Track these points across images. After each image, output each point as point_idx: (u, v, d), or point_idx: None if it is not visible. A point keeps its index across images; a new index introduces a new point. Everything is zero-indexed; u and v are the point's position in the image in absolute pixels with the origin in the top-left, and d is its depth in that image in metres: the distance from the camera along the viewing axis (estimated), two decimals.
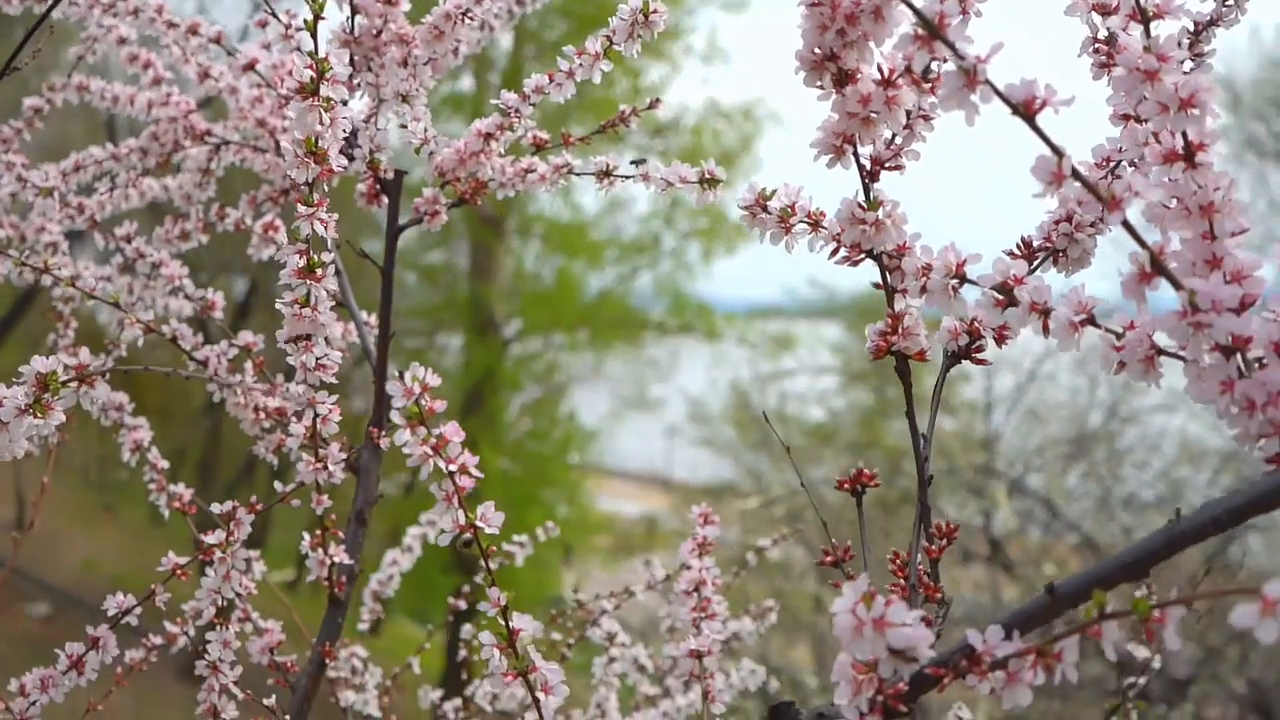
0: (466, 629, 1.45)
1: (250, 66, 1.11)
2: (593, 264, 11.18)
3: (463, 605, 1.59)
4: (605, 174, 1.01)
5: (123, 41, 1.25)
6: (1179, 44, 0.78)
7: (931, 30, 0.54)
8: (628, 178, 0.99)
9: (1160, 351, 0.59)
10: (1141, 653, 1.25)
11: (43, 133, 1.46)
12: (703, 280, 11.06)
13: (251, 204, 1.27)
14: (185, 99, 1.25)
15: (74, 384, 0.72)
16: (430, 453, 0.67)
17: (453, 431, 0.68)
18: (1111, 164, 0.74)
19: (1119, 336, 0.60)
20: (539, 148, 1.06)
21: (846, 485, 0.73)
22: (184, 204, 1.29)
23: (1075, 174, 0.55)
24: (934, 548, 0.68)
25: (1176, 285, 0.55)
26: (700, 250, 11.07)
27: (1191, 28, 0.79)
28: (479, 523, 0.69)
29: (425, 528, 1.59)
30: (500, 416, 10.63)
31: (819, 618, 6.97)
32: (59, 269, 1.02)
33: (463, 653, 1.49)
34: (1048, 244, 0.74)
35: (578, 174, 1.02)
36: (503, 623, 0.70)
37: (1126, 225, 0.55)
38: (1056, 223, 0.74)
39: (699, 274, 11.05)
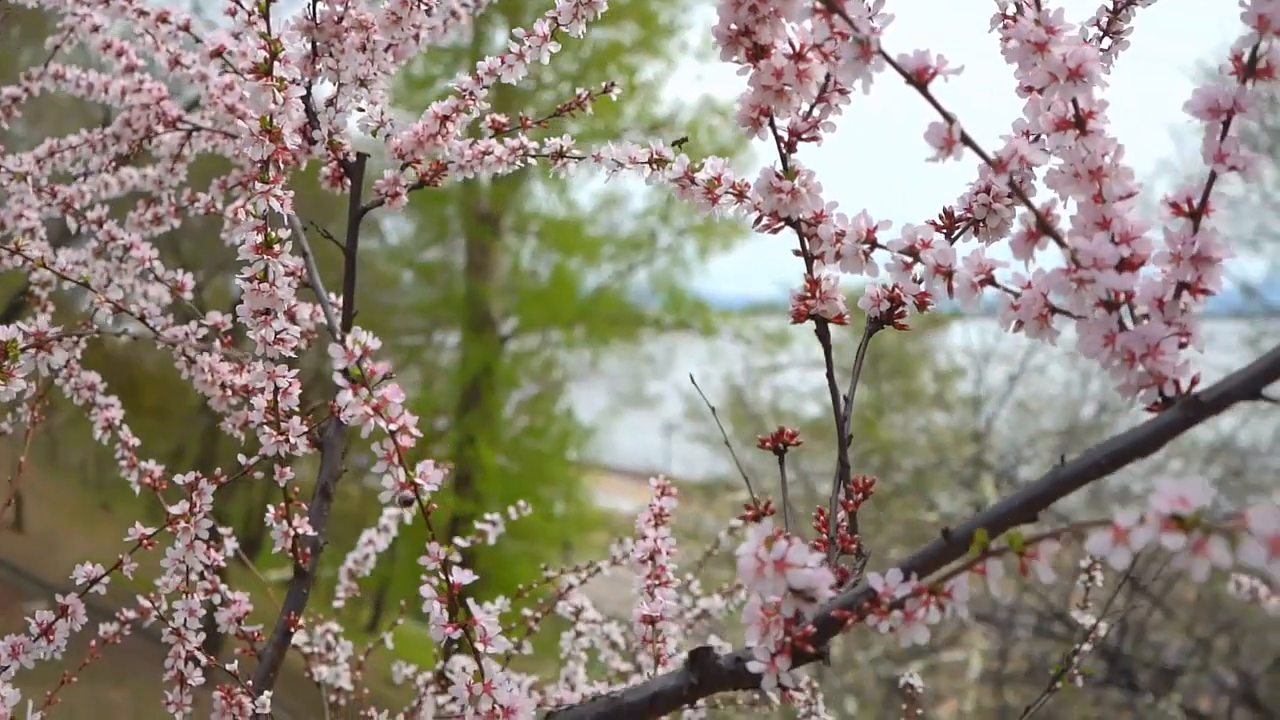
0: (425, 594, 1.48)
1: (218, 53, 1.14)
2: (589, 261, 11.22)
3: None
4: (559, 155, 1.04)
5: (96, 29, 1.28)
6: (1097, 22, 0.81)
7: (828, 3, 0.57)
8: (580, 158, 1.03)
9: (1054, 309, 0.62)
10: (1086, 620, 1.28)
11: (38, 134, 1.48)
12: (699, 277, 11.10)
13: (222, 188, 1.31)
14: (158, 85, 1.29)
15: (32, 350, 0.75)
16: (371, 413, 0.70)
17: (393, 393, 0.71)
18: (1030, 137, 0.77)
19: (1017, 296, 0.63)
20: (497, 131, 1.09)
21: (768, 444, 0.76)
22: (156, 189, 1.32)
23: (965, 139, 0.58)
24: (851, 502, 0.71)
25: (1061, 244, 0.59)
26: (696, 247, 11.11)
27: (1111, 5, 0.82)
28: (419, 480, 0.72)
29: (402, 510, 1.62)
30: (497, 414, 10.66)
31: None
32: (29, 249, 1.05)
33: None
34: (968, 214, 0.77)
35: (533, 156, 1.06)
36: (443, 576, 0.73)
37: (1013, 186, 0.59)
38: (976, 193, 0.77)
39: (695, 270, 11.10)
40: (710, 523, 8.02)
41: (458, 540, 1.40)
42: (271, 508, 1.05)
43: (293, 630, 1.08)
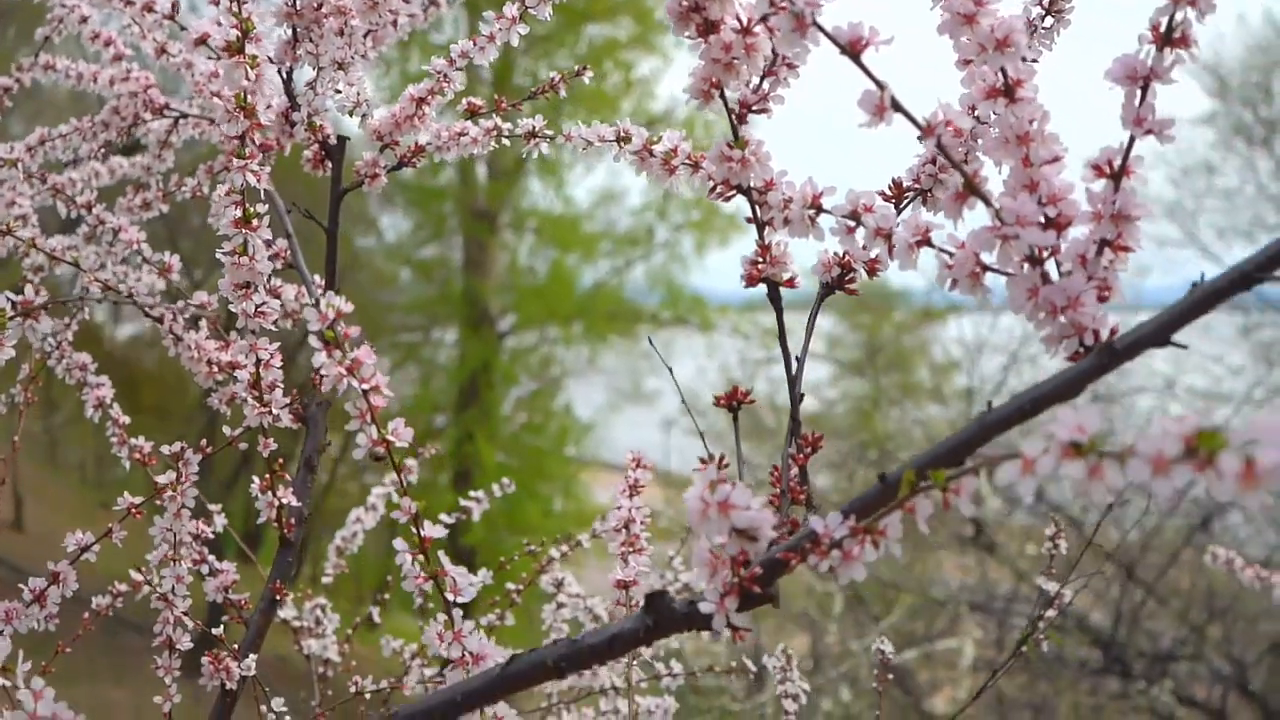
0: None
1: (202, 41, 1.17)
2: (586, 257, 11.26)
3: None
4: (532, 135, 1.08)
5: (84, 20, 1.31)
6: (1040, 1, 0.85)
7: None
8: (550, 138, 1.06)
9: (986, 268, 0.65)
10: (1051, 587, 1.31)
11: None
12: (696, 273, 11.15)
13: (209, 173, 1.34)
14: (145, 74, 1.32)
15: (19, 318, 0.79)
16: (345, 373, 0.74)
17: (365, 354, 0.74)
18: (974, 111, 0.80)
19: (951, 256, 0.66)
20: (473, 114, 1.12)
21: (722, 402, 0.80)
22: (144, 175, 1.36)
23: (895, 105, 0.61)
24: (801, 455, 0.75)
25: (987, 203, 0.62)
26: (693, 242, 11.16)
27: None
28: (390, 437, 0.75)
29: (389, 488, 1.66)
30: (496, 410, 10.70)
31: (808, 605, 7.05)
32: (20, 230, 1.09)
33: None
34: (916, 184, 0.80)
35: (507, 137, 1.09)
36: (414, 531, 0.77)
37: (940, 148, 0.62)
38: (923, 164, 0.80)
39: (692, 266, 11.14)
40: None
41: (442, 516, 1.44)
42: (256, 479, 1.09)
43: (279, 598, 1.12)
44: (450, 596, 0.76)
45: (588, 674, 1.31)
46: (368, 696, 1.31)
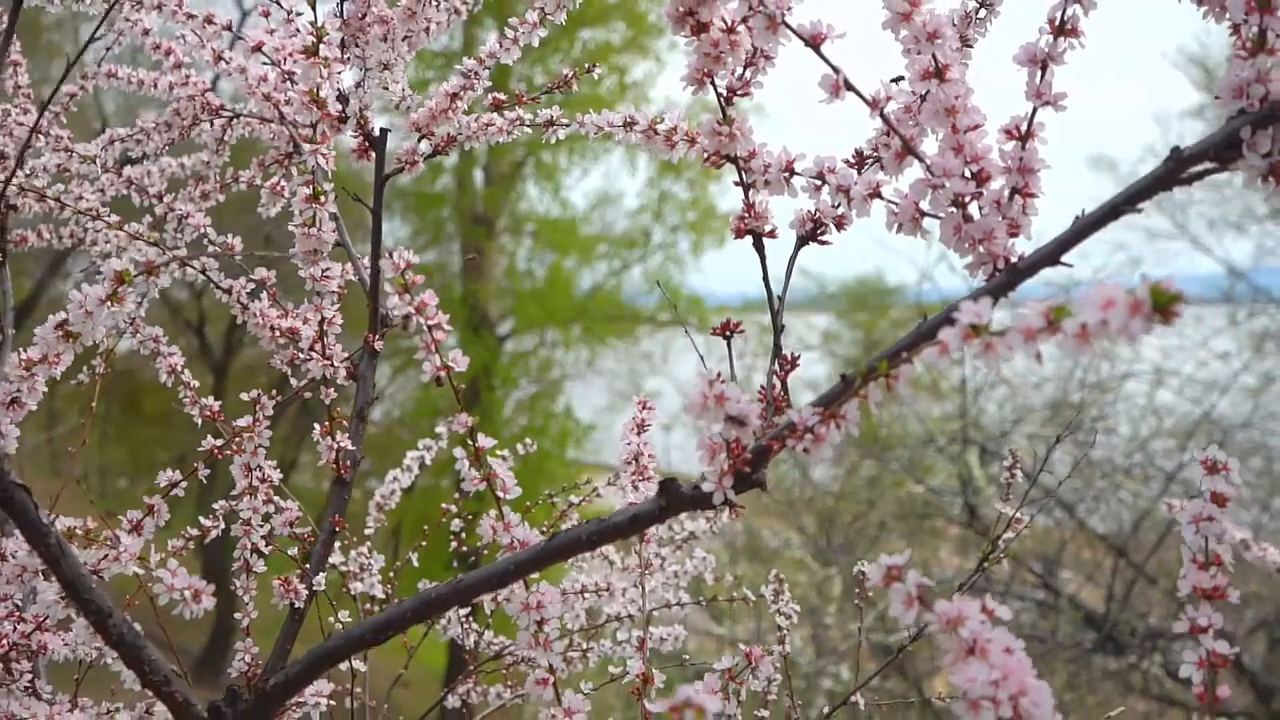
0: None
1: (257, 48, 1.35)
2: (584, 260, 11.42)
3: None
4: (550, 124, 1.25)
5: (146, 33, 1.48)
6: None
7: None
8: (566, 125, 1.24)
9: (923, 213, 0.83)
10: (1007, 510, 1.48)
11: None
12: (694, 273, 11.32)
13: (260, 166, 1.52)
14: (202, 79, 1.49)
15: (143, 275, 0.95)
16: (413, 311, 0.91)
17: (430, 297, 0.91)
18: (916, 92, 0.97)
19: (897, 205, 0.84)
20: (497, 107, 1.30)
21: (717, 332, 0.97)
22: (203, 169, 1.53)
23: (848, 85, 0.79)
24: (782, 372, 0.92)
25: (920, 160, 0.79)
26: (690, 244, 11.33)
27: None
28: (450, 363, 0.92)
29: (422, 452, 1.83)
30: (497, 413, 10.84)
31: (809, 592, 7.21)
32: (107, 215, 1.26)
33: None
34: (874, 152, 0.98)
35: (528, 125, 1.27)
36: (471, 442, 0.94)
37: (883, 117, 0.79)
38: (879, 137, 0.97)
39: (690, 267, 11.31)
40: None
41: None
42: (317, 425, 1.26)
43: (337, 530, 1.29)
44: (500, 494, 0.93)
45: (605, 595, 1.48)
46: None
